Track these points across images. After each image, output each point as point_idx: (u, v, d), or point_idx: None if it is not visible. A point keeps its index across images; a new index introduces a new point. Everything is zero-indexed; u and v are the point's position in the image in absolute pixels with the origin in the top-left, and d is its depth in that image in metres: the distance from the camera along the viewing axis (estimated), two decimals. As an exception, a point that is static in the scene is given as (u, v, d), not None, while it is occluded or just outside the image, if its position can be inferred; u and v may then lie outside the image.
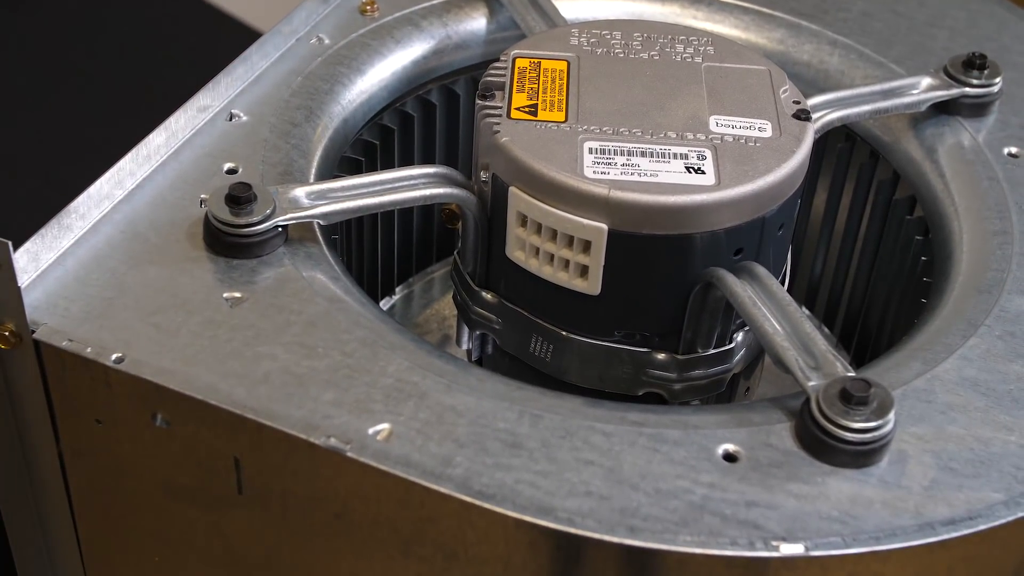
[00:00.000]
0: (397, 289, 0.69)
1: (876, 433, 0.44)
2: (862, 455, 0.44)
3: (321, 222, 0.52)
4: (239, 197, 0.50)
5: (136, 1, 1.23)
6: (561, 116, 0.51)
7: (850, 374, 0.45)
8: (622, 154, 0.49)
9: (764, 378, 0.58)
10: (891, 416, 0.44)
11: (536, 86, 0.53)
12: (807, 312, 0.68)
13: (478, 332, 0.55)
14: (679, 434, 0.45)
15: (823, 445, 0.44)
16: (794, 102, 0.53)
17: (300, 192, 0.51)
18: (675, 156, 0.49)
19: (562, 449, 0.44)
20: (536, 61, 0.54)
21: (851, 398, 0.44)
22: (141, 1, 1.21)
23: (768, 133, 0.51)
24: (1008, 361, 0.49)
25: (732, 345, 0.52)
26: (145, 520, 0.51)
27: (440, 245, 0.70)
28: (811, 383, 0.45)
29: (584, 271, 0.49)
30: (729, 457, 0.44)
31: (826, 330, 0.68)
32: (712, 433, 0.45)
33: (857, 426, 0.44)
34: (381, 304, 0.67)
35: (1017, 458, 0.45)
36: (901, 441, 0.45)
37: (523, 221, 0.50)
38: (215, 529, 0.49)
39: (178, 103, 0.56)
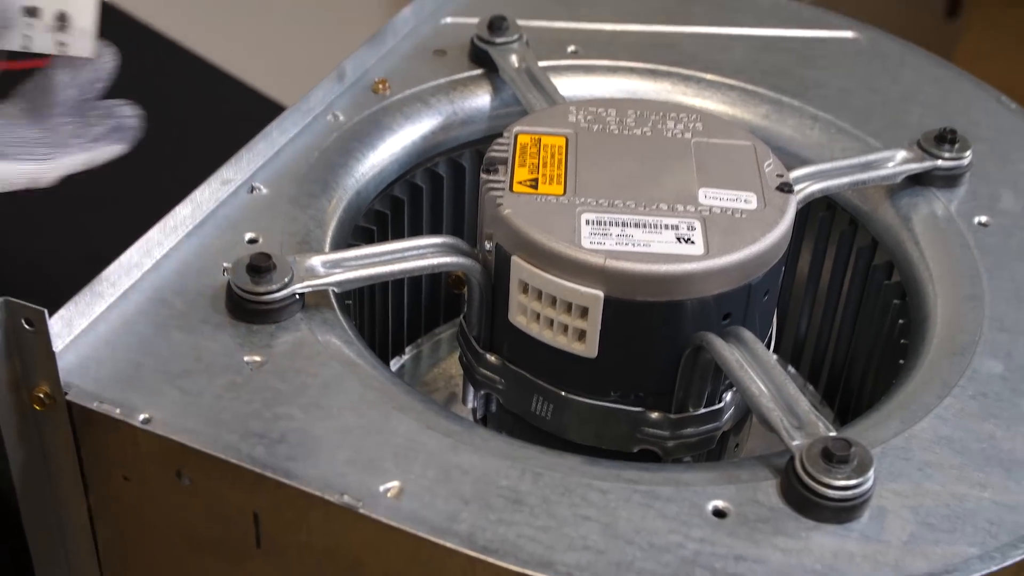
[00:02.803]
0: (407, 349, 0.69)
1: (857, 490, 0.44)
2: (844, 511, 0.44)
3: (336, 289, 0.52)
4: (259, 266, 0.50)
5: (164, 78, 1.24)
6: (560, 189, 0.52)
7: (832, 434, 0.45)
8: (617, 225, 0.50)
9: (753, 433, 0.58)
10: (871, 474, 0.44)
11: (537, 161, 0.53)
12: (793, 371, 0.69)
13: (483, 392, 0.55)
14: (671, 491, 0.45)
15: (807, 502, 0.44)
16: (777, 175, 0.53)
17: (316, 261, 0.52)
18: (666, 227, 0.50)
19: (561, 505, 0.44)
20: (536, 137, 0.55)
21: (833, 457, 0.44)
22: (170, 78, 1.22)
23: (753, 205, 0.51)
24: (981, 420, 0.49)
25: (722, 404, 0.52)
26: (168, 571, 0.51)
27: (447, 307, 0.70)
28: (795, 442, 0.45)
29: (582, 335, 0.49)
30: (718, 513, 0.44)
31: (811, 387, 0.68)
32: (702, 490, 0.45)
33: (839, 483, 0.44)
34: (392, 363, 0.67)
35: (991, 513, 0.45)
36: (881, 497, 0.45)
37: (525, 288, 0.50)
38: (235, 580, 0.49)
39: (203, 176, 0.56)
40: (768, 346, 0.54)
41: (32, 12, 0.47)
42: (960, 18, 1.75)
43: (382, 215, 0.63)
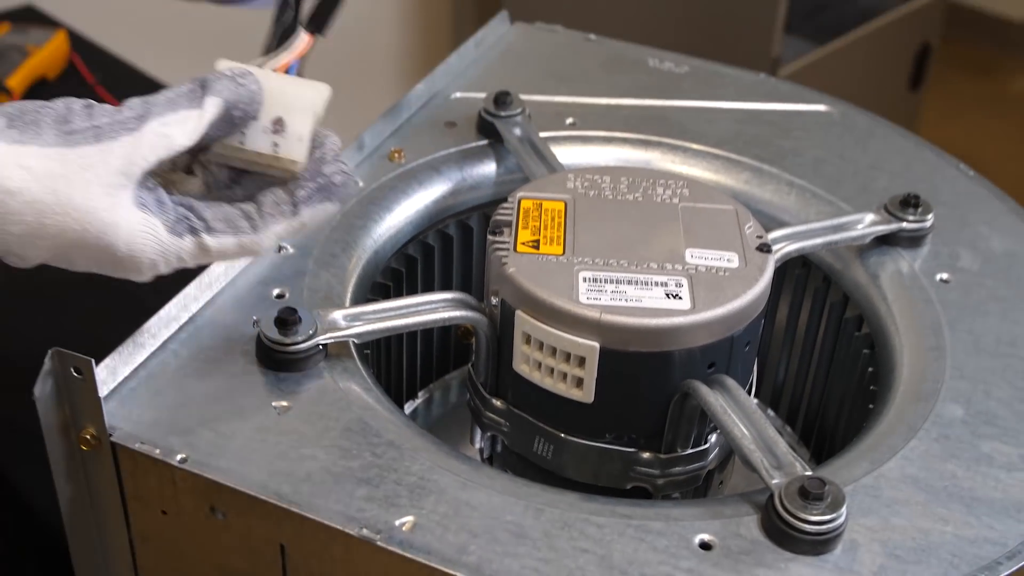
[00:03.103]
0: (420, 393, 0.69)
1: (830, 525, 0.45)
2: (819, 544, 0.45)
3: (356, 340, 0.53)
4: (286, 320, 0.51)
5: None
6: (560, 250, 0.53)
7: (808, 473, 0.46)
8: (611, 283, 0.51)
9: (735, 471, 0.59)
10: (843, 510, 0.45)
11: (538, 224, 0.54)
12: (772, 414, 0.69)
13: (489, 433, 0.56)
14: (661, 525, 0.46)
15: (785, 535, 0.45)
16: (757, 237, 0.54)
17: (338, 315, 0.53)
18: (656, 284, 0.51)
19: (561, 539, 0.45)
20: (538, 202, 0.56)
21: (808, 494, 0.45)
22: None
23: (735, 264, 0.52)
24: (943, 461, 0.50)
25: (707, 445, 0.53)
26: (202, 598, 0.51)
27: (456, 356, 0.71)
28: (774, 481, 0.46)
29: (580, 382, 0.50)
30: (704, 546, 0.45)
31: (788, 429, 0.69)
32: (690, 524, 0.46)
33: (814, 519, 0.45)
34: (406, 406, 0.68)
35: (953, 546, 0.46)
36: (852, 531, 0.46)
37: (527, 339, 0.51)
38: (262, 607, 0.50)
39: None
40: (749, 392, 0.55)
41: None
42: (922, 89, 1.78)
43: (398, 272, 0.64)
